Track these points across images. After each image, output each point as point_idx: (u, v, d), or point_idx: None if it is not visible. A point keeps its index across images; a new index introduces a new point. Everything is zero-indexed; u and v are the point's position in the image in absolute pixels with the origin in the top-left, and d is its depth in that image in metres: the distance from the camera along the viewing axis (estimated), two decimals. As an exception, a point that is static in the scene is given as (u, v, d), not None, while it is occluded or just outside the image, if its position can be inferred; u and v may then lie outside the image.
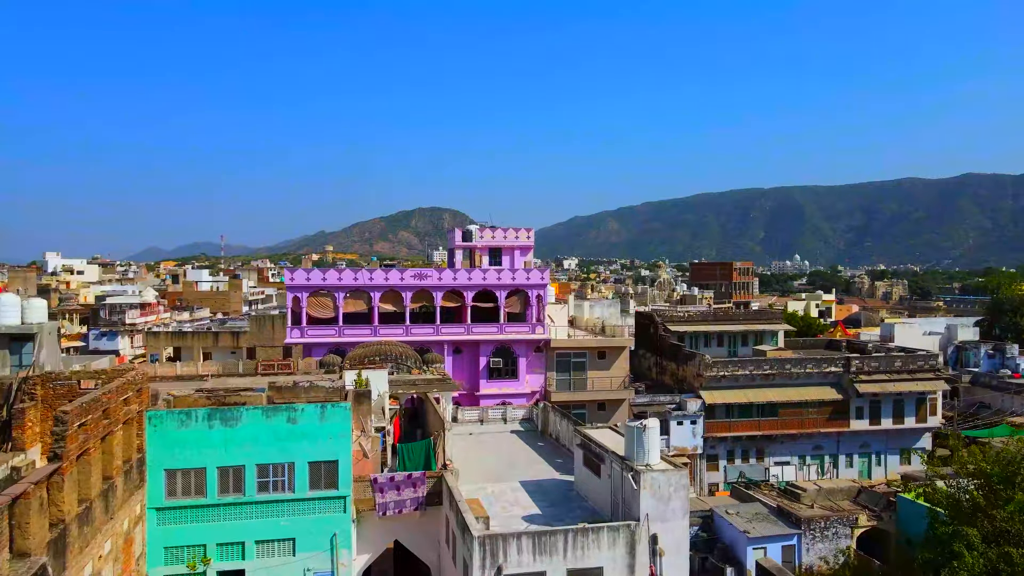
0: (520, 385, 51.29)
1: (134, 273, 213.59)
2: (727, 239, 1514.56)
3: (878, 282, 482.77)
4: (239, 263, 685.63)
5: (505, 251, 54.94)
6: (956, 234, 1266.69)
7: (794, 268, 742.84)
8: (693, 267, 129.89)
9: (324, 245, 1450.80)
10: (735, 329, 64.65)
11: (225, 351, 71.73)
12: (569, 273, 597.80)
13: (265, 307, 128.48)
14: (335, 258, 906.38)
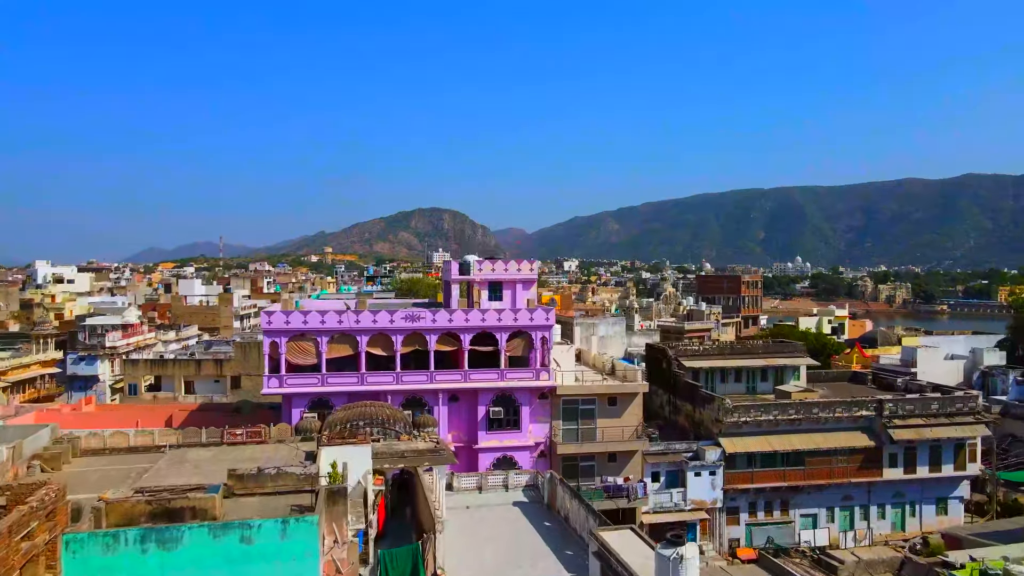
0: (523, 436, 46.44)
1: (126, 281, 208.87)
2: (727, 239, 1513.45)
3: (881, 285, 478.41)
4: (238, 264, 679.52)
5: (506, 285, 50.03)
6: (957, 235, 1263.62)
7: (795, 270, 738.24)
8: (700, 280, 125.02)
9: (324, 245, 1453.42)
10: (755, 364, 59.82)
11: (208, 379, 66.97)
12: (570, 275, 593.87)
13: (257, 322, 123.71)
14: (334, 259, 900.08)
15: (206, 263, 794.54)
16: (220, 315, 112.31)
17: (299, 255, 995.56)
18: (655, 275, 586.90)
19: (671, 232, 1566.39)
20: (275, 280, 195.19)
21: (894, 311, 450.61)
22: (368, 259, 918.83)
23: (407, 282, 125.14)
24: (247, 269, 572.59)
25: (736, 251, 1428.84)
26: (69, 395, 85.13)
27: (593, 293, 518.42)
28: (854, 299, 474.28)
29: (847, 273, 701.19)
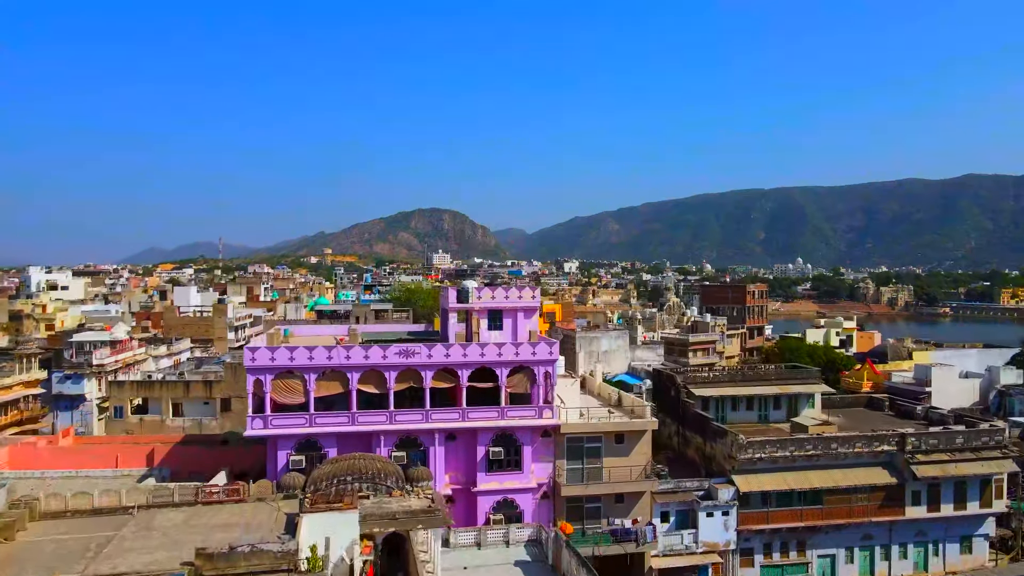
0: (525, 478, 43.55)
1: (122, 286, 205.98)
2: (727, 240, 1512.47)
3: (883, 288, 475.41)
4: (237, 266, 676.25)
5: (507, 314, 47.11)
6: (957, 235, 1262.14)
7: (796, 271, 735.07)
8: (704, 290, 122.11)
9: (324, 246, 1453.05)
10: (767, 392, 56.90)
11: (197, 402, 64.18)
12: (570, 277, 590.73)
13: (251, 332, 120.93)
14: (333, 260, 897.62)
15: (205, 264, 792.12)
16: (214, 326, 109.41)
17: (298, 256, 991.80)
18: (656, 276, 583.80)
19: (671, 232, 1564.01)
20: (272, 286, 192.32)
21: (896, 314, 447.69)
22: (368, 260, 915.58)
23: (406, 290, 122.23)
24: (246, 271, 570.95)
25: (736, 251, 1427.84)
26: (55, 415, 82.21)
27: (593, 295, 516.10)
28: (856, 301, 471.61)
29: (848, 274, 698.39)
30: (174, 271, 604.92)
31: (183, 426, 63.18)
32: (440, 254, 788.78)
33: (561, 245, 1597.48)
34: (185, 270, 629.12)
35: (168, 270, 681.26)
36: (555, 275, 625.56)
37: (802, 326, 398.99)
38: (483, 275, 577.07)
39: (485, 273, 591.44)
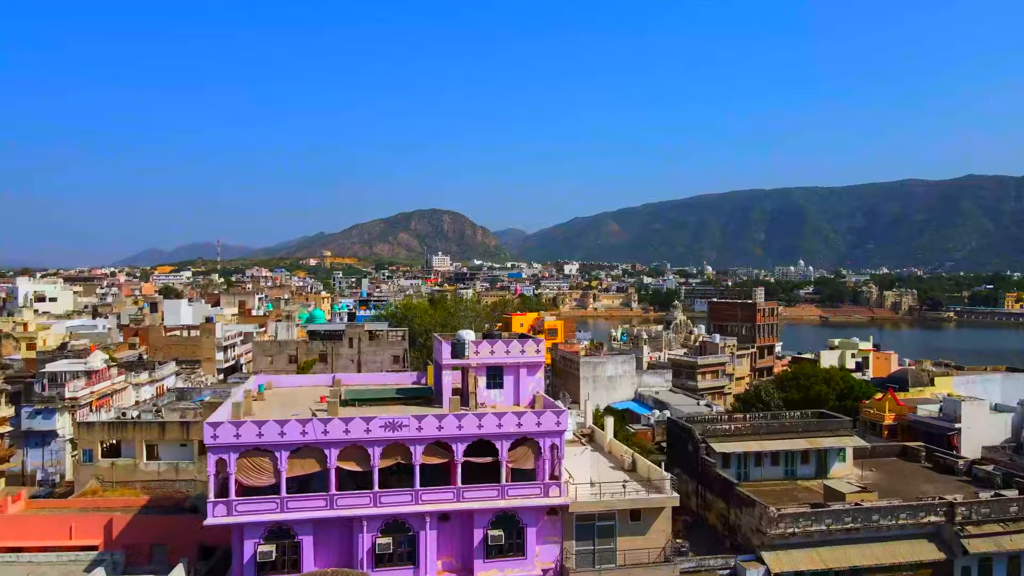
0: (528, 564, 38.16)
1: (113, 296, 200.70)
2: (728, 241, 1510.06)
3: (887, 292, 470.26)
4: (235, 268, 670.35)
5: (508, 370, 41.82)
6: (958, 236, 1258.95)
7: (798, 274, 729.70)
8: (712, 307, 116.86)
9: (324, 246, 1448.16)
10: (795, 447, 51.53)
11: (174, 444, 58.82)
12: (571, 280, 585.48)
13: (243, 351, 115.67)
14: (332, 262, 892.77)
15: (204, 267, 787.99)
16: (202, 347, 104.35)
17: (297, 258, 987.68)
18: (657, 280, 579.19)
19: (671, 233, 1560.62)
20: (267, 296, 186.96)
21: (900, 318, 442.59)
22: (367, 262, 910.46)
23: (402, 307, 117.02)
24: (244, 275, 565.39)
25: (737, 252, 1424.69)
26: (24, 453, 76.99)
27: (594, 299, 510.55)
28: (859, 305, 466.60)
29: (849, 276, 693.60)
30: (172, 275, 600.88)
31: (158, 471, 57.96)
32: (440, 256, 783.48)
33: (561, 246, 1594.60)
34: (183, 273, 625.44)
35: (166, 273, 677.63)
36: (555, 278, 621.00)
37: (805, 333, 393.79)
38: (482, 278, 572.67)
39: (484, 276, 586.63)
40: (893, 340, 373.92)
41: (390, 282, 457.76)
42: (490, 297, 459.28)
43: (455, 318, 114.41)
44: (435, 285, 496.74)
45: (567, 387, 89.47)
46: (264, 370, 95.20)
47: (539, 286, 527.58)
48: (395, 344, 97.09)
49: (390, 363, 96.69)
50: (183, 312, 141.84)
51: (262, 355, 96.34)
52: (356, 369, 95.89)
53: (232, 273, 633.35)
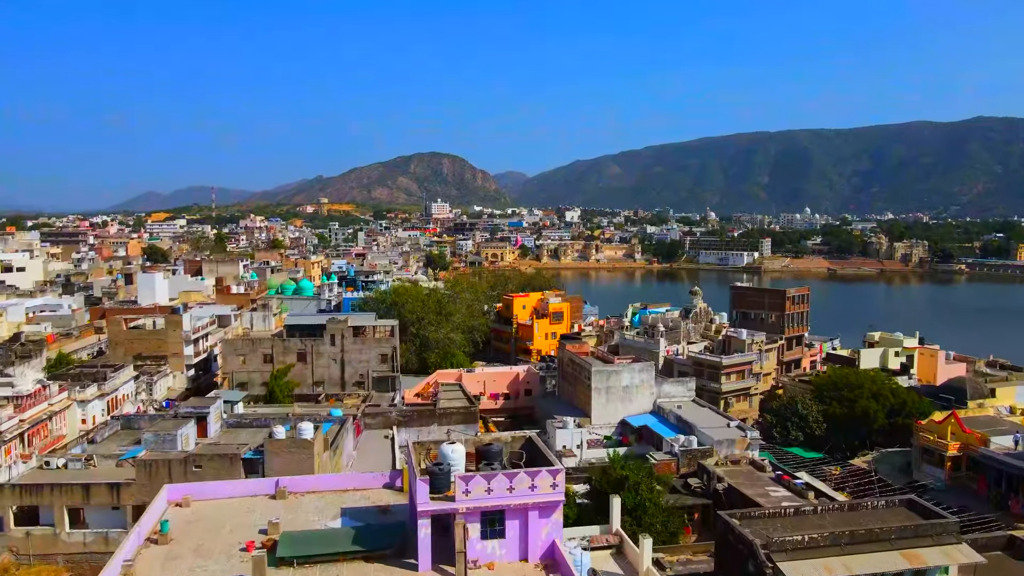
0: None
1: (90, 262, 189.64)
2: (731, 184, 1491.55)
3: (897, 243, 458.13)
4: (230, 216, 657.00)
5: (511, 513, 30.98)
6: (965, 179, 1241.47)
7: (803, 222, 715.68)
8: (736, 294, 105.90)
9: (322, 190, 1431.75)
10: (888, 569, 40.53)
11: (104, 508, 48.97)
12: (573, 229, 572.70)
13: (214, 342, 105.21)
14: (329, 209, 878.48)
15: (199, 213, 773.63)
16: (167, 342, 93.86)
17: (294, 205, 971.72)
18: (660, 229, 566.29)
19: (673, 176, 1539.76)
20: (252, 264, 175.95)
21: (910, 271, 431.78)
22: (366, 209, 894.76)
23: (395, 293, 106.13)
24: (238, 225, 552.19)
25: (740, 196, 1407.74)
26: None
27: (597, 251, 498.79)
28: (868, 257, 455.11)
29: (855, 223, 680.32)
30: (166, 223, 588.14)
31: (84, 542, 48.27)
32: (439, 203, 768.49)
33: (562, 189, 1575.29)
34: (177, 221, 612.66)
35: (161, 220, 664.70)
36: (556, 226, 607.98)
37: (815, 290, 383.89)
38: (482, 227, 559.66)
39: (484, 225, 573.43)
40: (903, 297, 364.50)
41: (387, 234, 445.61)
42: (490, 248, 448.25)
43: (449, 305, 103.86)
44: (434, 236, 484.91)
45: (575, 394, 79.42)
46: (233, 370, 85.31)
47: (540, 236, 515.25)
48: (382, 342, 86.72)
49: (377, 362, 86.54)
50: (158, 287, 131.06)
51: (233, 354, 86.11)
52: (339, 370, 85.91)
53: (226, 222, 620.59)
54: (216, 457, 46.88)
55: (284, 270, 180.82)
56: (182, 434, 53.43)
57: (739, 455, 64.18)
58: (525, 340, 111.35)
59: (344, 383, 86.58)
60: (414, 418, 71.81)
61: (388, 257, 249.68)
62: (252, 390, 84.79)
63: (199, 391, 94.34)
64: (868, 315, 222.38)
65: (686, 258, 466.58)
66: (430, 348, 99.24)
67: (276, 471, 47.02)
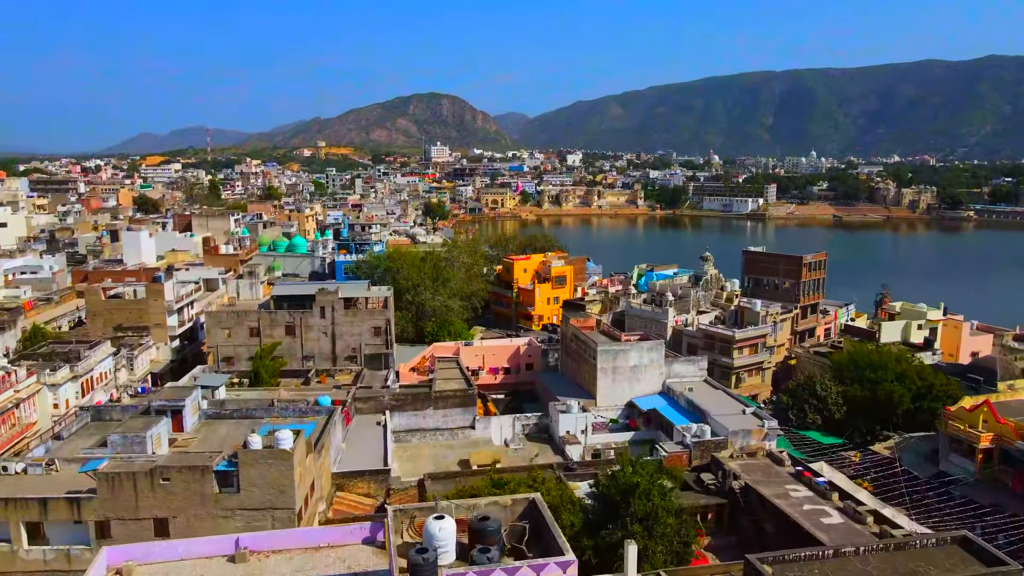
0: None
1: (76, 215, 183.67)
2: (734, 125, 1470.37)
3: (905, 189, 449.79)
4: (225, 161, 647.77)
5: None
6: (974, 120, 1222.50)
7: (809, 166, 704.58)
8: (749, 258, 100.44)
9: (319, 133, 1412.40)
10: None
11: (64, 524, 44.71)
12: (575, 174, 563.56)
13: (201, 309, 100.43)
14: (327, 153, 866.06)
15: (194, 157, 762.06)
16: (149, 312, 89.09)
17: (291, 148, 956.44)
18: (663, 173, 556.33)
19: (676, 117, 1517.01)
20: (243, 221, 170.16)
21: (917, 217, 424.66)
22: (364, 152, 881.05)
23: (389, 258, 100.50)
24: (232, 170, 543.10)
25: (743, 138, 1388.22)
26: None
27: (599, 197, 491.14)
28: (874, 204, 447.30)
29: (861, 167, 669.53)
30: (160, 167, 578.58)
31: (44, 559, 44.15)
32: (439, 147, 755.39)
33: (563, 131, 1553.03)
34: (172, 165, 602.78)
35: (155, 164, 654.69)
36: (558, 171, 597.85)
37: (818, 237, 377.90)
38: (482, 171, 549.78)
39: (484, 169, 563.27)
40: (909, 246, 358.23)
41: (386, 180, 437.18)
42: (490, 195, 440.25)
43: (447, 271, 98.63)
44: (433, 182, 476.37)
45: (579, 372, 74.89)
46: (218, 344, 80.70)
47: (541, 181, 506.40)
48: (375, 314, 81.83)
49: (370, 336, 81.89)
50: (144, 246, 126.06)
51: (217, 328, 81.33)
52: (330, 344, 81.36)
53: (222, 166, 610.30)
54: (185, 470, 42.41)
55: (277, 224, 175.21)
56: (152, 435, 48.98)
57: (755, 446, 59.90)
58: (526, 305, 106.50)
59: (335, 357, 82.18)
60: (408, 402, 67.44)
61: (385, 207, 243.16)
62: (238, 364, 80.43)
63: (184, 363, 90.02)
64: (877, 269, 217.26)
65: (689, 204, 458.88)
66: (427, 316, 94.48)
67: (251, 484, 42.77)
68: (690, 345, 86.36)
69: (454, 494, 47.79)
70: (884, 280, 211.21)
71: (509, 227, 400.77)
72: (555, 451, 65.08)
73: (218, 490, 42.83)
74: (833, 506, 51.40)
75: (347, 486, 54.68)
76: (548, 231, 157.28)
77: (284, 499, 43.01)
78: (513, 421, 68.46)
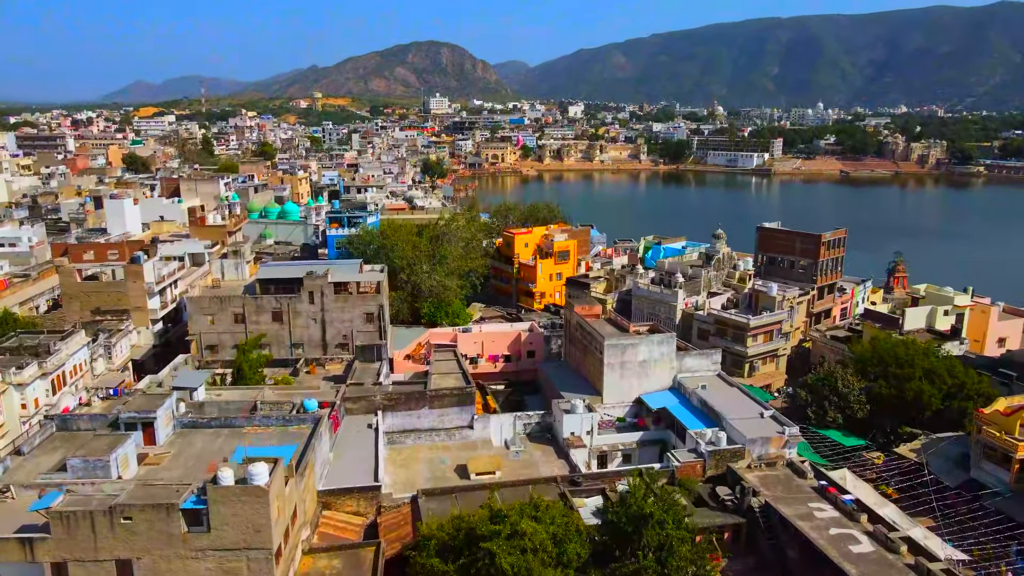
0: None
1: (60, 179, 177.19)
2: (738, 74, 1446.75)
3: (914, 143, 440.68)
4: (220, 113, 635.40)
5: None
6: (983, 70, 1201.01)
7: (816, 117, 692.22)
8: (763, 236, 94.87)
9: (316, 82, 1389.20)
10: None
11: (18, 564, 40.54)
12: (576, 127, 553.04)
13: (183, 289, 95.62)
14: (324, 104, 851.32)
15: (188, 108, 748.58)
16: (129, 294, 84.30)
17: (288, 98, 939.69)
18: (666, 126, 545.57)
19: (680, 66, 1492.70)
20: (234, 184, 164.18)
21: (926, 173, 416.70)
22: (362, 103, 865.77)
23: (383, 234, 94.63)
24: (227, 123, 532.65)
25: (748, 87, 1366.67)
26: None
27: (601, 151, 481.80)
28: (883, 158, 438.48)
29: (868, 119, 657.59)
30: (154, 119, 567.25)
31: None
32: (438, 98, 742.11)
33: (565, 80, 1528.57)
34: (166, 117, 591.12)
35: (148, 115, 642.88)
36: (559, 124, 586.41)
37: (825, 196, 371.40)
38: (482, 124, 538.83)
39: (484, 122, 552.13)
40: (916, 203, 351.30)
41: (383, 134, 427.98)
42: (490, 149, 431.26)
43: (444, 247, 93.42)
44: (432, 136, 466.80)
45: (584, 363, 70.36)
46: (201, 331, 76.03)
47: (542, 135, 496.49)
48: (367, 299, 76.94)
49: (362, 322, 77.21)
50: (128, 214, 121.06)
51: (200, 314, 76.48)
52: (320, 330, 76.77)
53: (217, 118, 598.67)
54: (149, 508, 38.02)
55: (269, 187, 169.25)
56: (118, 457, 44.63)
57: (775, 455, 55.68)
58: (527, 282, 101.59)
59: (326, 345, 77.63)
60: (402, 401, 63.01)
61: (382, 166, 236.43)
62: (223, 352, 76.03)
63: (168, 346, 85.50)
64: (888, 230, 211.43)
65: (693, 159, 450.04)
66: (423, 296, 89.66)
67: (222, 523, 38.49)
68: (701, 330, 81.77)
69: (448, 524, 43.65)
70: (896, 245, 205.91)
71: (509, 183, 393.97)
72: (558, 454, 60.88)
73: (187, 529, 38.58)
74: (862, 530, 47.34)
75: (335, 504, 50.59)
76: (549, 199, 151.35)
77: (260, 538, 38.78)
78: (514, 420, 64.10)
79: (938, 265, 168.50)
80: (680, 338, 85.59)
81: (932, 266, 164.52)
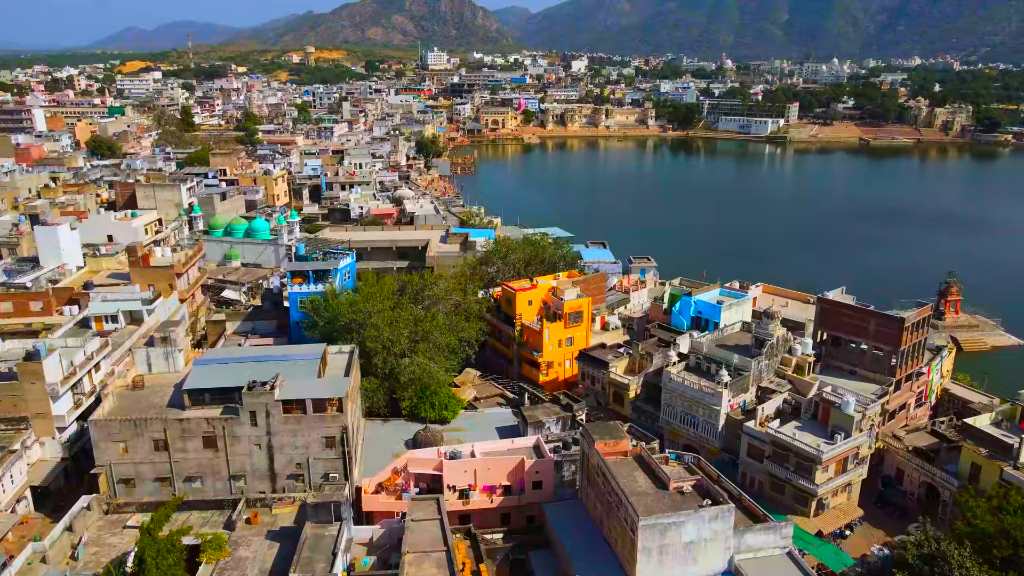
0: None
1: (8, 175, 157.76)
2: (746, 22, 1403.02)
3: (939, 109, 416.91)
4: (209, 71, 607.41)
5: None
6: (998, 16, 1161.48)
7: (830, 73, 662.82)
8: (825, 309, 76.14)
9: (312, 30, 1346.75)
10: None
11: None
12: (580, 88, 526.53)
13: (112, 369, 78.09)
14: (318, 58, 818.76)
15: (177, 63, 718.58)
16: (26, 399, 66.24)
17: (280, 51, 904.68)
18: (674, 87, 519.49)
19: (686, 14, 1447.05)
20: (197, 189, 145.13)
21: (950, 141, 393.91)
22: (357, 56, 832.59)
23: (353, 310, 75.55)
24: (213, 82, 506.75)
25: (756, 36, 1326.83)
26: None
27: (607, 116, 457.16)
28: (904, 124, 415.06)
29: (883, 74, 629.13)
30: (139, 76, 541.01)
31: None
32: (436, 52, 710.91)
33: (567, 28, 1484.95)
34: (153, 74, 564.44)
35: (134, 70, 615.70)
36: (562, 81, 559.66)
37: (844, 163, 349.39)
38: (482, 84, 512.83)
39: (485, 81, 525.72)
40: (938, 177, 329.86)
41: (378, 98, 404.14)
42: (491, 114, 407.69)
43: (428, 323, 75.29)
44: (429, 99, 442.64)
45: (608, 526, 52.99)
46: (111, 462, 58.99)
47: (545, 96, 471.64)
48: (326, 421, 59.25)
49: (320, 447, 59.81)
50: (63, 242, 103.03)
51: (108, 441, 58.98)
52: (266, 458, 59.63)
53: (205, 76, 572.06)
54: None
55: (239, 190, 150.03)
56: None
57: None
58: (532, 349, 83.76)
59: (274, 475, 60.45)
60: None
61: (370, 150, 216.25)
62: (141, 487, 59.29)
63: (86, 456, 68.10)
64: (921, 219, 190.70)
65: (703, 124, 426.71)
66: (403, 387, 72.08)
67: None
68: (752, 448, 64.37)
69: None
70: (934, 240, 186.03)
71: (510, 150, 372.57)
72: None
73: None
74: None
75: None
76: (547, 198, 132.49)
77: None
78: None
79: (992, 275, 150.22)
80: (723, 450, 68.59)
81: (982, 275, 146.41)
